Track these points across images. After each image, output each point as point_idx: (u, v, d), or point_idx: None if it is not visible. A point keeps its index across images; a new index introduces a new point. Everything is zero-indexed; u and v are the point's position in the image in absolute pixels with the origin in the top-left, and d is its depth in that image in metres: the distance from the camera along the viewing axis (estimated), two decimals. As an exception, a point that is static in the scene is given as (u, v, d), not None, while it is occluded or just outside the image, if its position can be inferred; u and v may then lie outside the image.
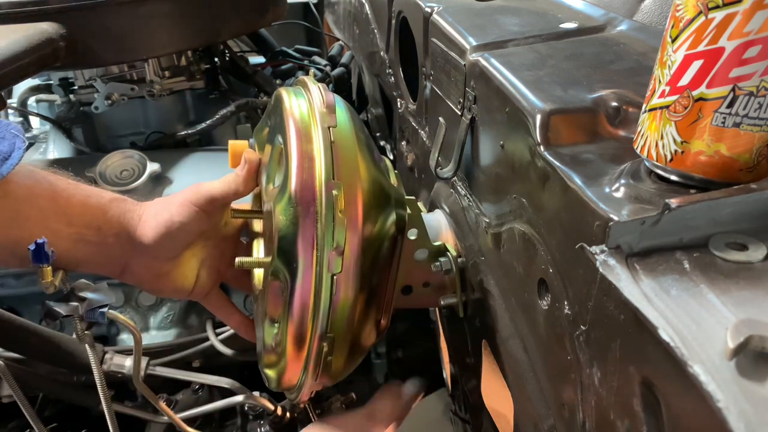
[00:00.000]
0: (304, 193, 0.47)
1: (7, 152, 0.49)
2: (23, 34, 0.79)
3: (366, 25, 1.08)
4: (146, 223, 0.58)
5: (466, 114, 0.57)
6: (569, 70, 0.49)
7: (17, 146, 0.50)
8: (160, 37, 0.98)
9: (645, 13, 0.58)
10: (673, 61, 0.33)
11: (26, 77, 0.79)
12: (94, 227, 0.56)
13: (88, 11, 0.88)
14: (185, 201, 0.58)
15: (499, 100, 0.49)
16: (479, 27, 0.61)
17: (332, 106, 0.52)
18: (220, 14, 1.03)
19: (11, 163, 0.49)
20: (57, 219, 0.54)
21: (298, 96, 0.54)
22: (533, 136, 0.42)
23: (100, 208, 0.57)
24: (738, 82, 0.31)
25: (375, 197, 0.50)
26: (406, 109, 0.88)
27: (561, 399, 0.41)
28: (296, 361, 0.53)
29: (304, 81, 0.57)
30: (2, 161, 0.49)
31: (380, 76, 1.05)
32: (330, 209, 0.47)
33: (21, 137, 0.51)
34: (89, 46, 0.90)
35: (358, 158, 0.50)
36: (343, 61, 1.40)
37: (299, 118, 0.51)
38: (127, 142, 1.16)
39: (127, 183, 0.95)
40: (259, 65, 1.29)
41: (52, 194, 0.54)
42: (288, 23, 1.43)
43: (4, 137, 0.50)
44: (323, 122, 0.50)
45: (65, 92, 1.16)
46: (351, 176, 0.49)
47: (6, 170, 0.49)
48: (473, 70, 0.55)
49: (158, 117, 1.17)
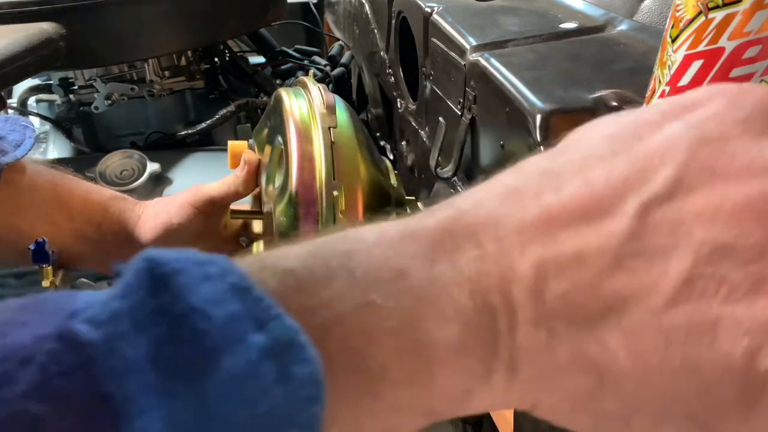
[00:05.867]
0: (305, 194, 0.48)
1: (19, 140, 0.52)
2: (23, 34, 0.79)
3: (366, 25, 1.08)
4: (145, 223, 0.58)
5: (466, 114, 0.58)
6: (569, 70, 0.49)
7: (27, 135, 0.52)
8: (160, 37, 0.98)
9: (645, 13, 0.58)
10: (673, 61, 0.33)
11: (26, 77, 0.79)
12: (94, 224, 0.56)
13: (88, 11, 0.88)
14: (184, 203, 0.58)
15: (499, 100, 0.49)
16: (479, 27, 0.61)
17: (332, 106, 0.52)
18: (220, 14, 1.03)
19: (23, 149, 0.51)
20: (58, 212, 0.54)
21: (298, 96, 0.54)
22: (533, 136, 0.42)
23: (100, 204, 0.57)
24: (738, 82, 0.31)
25: (375, 198, 0.50)
26: (406, 109, 0.88)
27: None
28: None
29: (304, 81, 0.57)
30: (15, 147, 0.50)
31: (380, 76, 1.05)
32: (330, 210, 0.47)
33: (30, 128, 0.53)
34: (89, 46, 0.90)
35: (358, 159, 0.50)
36: (343, 61, 1.40)
37: (299, 118, 0.51)
38: (127, 142, 1.16)
39: (127, 183, 0.95)
40: (259, 65, 1.29)
41: (54, 187, 0.55)
42: (288, 23, 1.42)
43: (15, 129, 0.52)
44: (323, 123, 0.50)
45: (65, 92, 1.16)
46: (351, 177, 0.49)
47: (21, 153, 0.50)
48: (473, 70, 0.55)
49: (158, 117, 1.17)
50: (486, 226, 0.20)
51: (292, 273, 0.18)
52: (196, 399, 0.15)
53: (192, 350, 0.16)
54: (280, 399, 0.16)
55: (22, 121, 0.54)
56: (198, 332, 0.16)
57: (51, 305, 0.17)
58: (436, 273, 0.19)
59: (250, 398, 0.16)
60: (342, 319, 0.18)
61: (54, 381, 0.15)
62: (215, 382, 0.15)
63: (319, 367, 0.16)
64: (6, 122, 0.53)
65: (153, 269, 0.16)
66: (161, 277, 0.16)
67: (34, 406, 0.14)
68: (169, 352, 0.16)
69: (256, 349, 0.16)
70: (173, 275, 0.16)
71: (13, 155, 0.50)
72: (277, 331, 0.16)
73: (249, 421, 0.15)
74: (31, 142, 0.52)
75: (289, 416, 0.16)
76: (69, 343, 0.15)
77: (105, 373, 0.15)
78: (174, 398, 0.15)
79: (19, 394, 0.14)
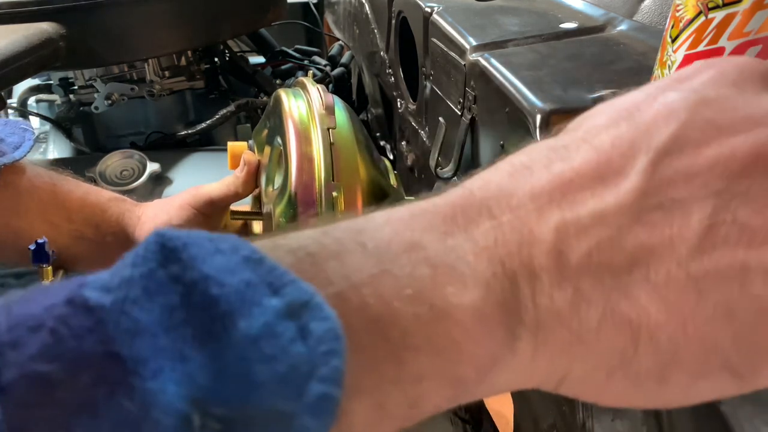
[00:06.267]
0: (304, 195, 0.48)
1: (18, 143, 0.52)
2: (23, 34, 0.79)
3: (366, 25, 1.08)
4: (144, 224, 0.58)
5: (466, 114, 0.57)
6: (569, 70, 0.49)
7: (27, 138, 0.52)
8: (160, 37, 0.98)
9: (645, 13, 0.58)
10: (673, 61, 0.33)
11: (26, 77, 0.79)
12: (92, 225, 0.56)
13: (88, 11, 0.88)
14: (184, 204, 0.58)
15: (499, 100, 0.49)
16: (479, 27, 0.61)
17: (331, 107, 0.52)
18: (220, 14, 1.03)
19: (22, 150, 0.51)
20: (56, 213, 0.54)
21: (297, 97, 0.54)
22: (533, 136, 0.42)
23: (98, 206, 0.57)
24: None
25: (375, 198, 0.50)
26: (406, 109, 0.88)
27: (561, 399, 0.41)
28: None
29: (303, 82, 0.57)
30: (14, 149, 0.50)
31: (380, 76, 1.05)
32: (330, 211, 0.47)
33: (30, 131, 0.53)
34: (89, 46, 0.90)
35: (357, 159, 0.50)
36: (343, 61, 1.40)
37: (298, 119, 0.51)
38: (127, 142, 1.16)
39: (127, 183, 0.95)
40: (259, 65, 1.29)
41: (52, 188, 0.55)
42: (288, 23, 1.42)
43: (14, 132, 0.52)
44: (322, 124, 0.50)
45: (65, 92, 1.16)
46: (351, 178, 0.49)
47: (19, 155, 0.50)
48: (473, 70, 0.55)
49: (158, 117, 1.17)
50: (498, 198, 0.20)
51: (305, 249, 0.18)
52: (213, 361, 0.15)
53: (206, 315, 0.15)
54: (299, 356, 0.15)
55: (22, 124, 0.54)
56: (211, 298, 0.15)
57: (58, 286, 0.16)
58: (450, 244, 0.19)
59: (269, 357, 0.15)
60: (358, 288, 0.17)
61: (64, 343, 0.14)
62: (231, 344, 0.15)
63: (338, 323, 0.16)
64: (5, 125, 0.53)
65: (164, 243, 0.16)
66: (173, 249, 0.16)
67: (44, 367, 0.14)
68: (181, 318, 0.15)
69: (272, 311, 0.15)
70: (185, 247, 0.16)
71: (12, 156, 0.50)
72: (292, 295, 0.16)
73: (268, 380, 0.15)
74: (30, 144, 0.52)
75: (310, 372, 0.15)
76: (79, 308, 0.15)
77: (116, 335, 0.15)
78: (189, 361, 0.15)
79: (28, 356, 0.14)
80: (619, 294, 0.18)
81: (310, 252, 0.18)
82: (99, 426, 0.14)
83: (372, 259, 0.18)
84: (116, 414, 0.14)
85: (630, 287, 0.18)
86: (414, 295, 0.18)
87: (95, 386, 0.14)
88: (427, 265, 0.18)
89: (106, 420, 0.14)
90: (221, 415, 0.15)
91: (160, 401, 0.14)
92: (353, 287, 0.17)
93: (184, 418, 0.14)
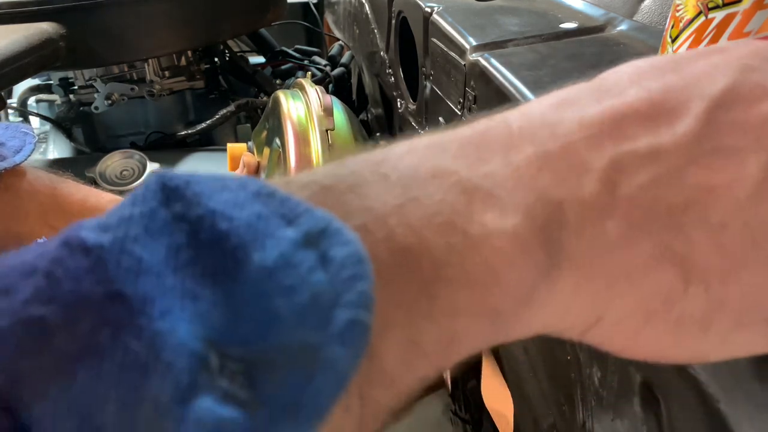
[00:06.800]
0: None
1: (19, 146, 0.52)
2: (23, 34, 0.79)
3: (366, 25, 1.08)
4: None
5: (466, 114, 0.57)
6: (569, 70, 0.49)
7: (27, 141, 0.52)
8: (160, 37, 0.98)
9: (645, 13, 0.58)
10: (672, 62, 0.33)
11: (26, 77, 0.79)
12: None
13: (88, 11, 0.88)
14: None
15: (499, 100, 0.49)
16: (479, 27, 0.61)
17: (330, 108, 0.52)
18: (220, 14, 1.03)
19: (23, 154, 0.51)
20: (56, 216, 0.54)
21: (295, 99, 0.54)
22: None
23: (98, 209, 0.57)
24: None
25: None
26: (406, 109, 0.88)
27: (561, 399, 0.41)
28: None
29: (302, 83, 0.57)
30: (14, 153, 0.50)
31: (380, 76, 1.05)
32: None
33: (31, 135, 0.53)
34: (89, 46, 0.90)
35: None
36: (343, 61, 1.40)
37: (297, 121, 0.51)
38: (127, 142, 1.16)
39: (128, 183, 0.95)
40: (259, 65, 1.30)
41: (53, 191, 0.55)
42: (288, 23, 1.42)
43: (15, 136, 0.52)
44: (321, 125, 0.50)
45: (65, 92, 1.16)
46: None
47: (20, 159, 0.50)
48: (473, 70, 0.55)
49: (158, 117, 1.17)
50: (541, 126, 0.18)
51: (319, 183, 0.16)
52: (227, 298, 0.14)
53: (215, 251, 0.14)
54: (320, 284, 0.14)
55: (23, 128, 0.54)
56: (220, 233, 0.14)
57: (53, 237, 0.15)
58: (485, 170, 0.17)
59: (287, 289, 0.14)
60: (383, 219, 0.16)
61: (60, 284, 0.13)
62: (246, 279, 0.14)
63: (360, 246, 0.14)
64: (6, 129, 0.53)
65: (165, 182, 0.15)
66: (175, 188, 0.15)
67: (39, 310, 0.13)
68: (189, 256, 0.14)
69: (287, 241, 0.14)
70: (188, 185, 0.15)
71: (12, 161, 0.50)
72: (308, 224, 0.14)
73: (289, 314, 0.14)
74: (31, 148, 0.52)
75: (334, 299, 0.14)
76: (75, 248, 0.14)
77: (118, 275, 0.13)
78: (200, 300, 0.13)
79: (21, 301, 0.13)
80: (674, 232, 0.18)
81: (325, 186, 0.16)
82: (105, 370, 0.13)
83: (396, 189, 0.16)
84: (123, 356, 0.13)
85: (685, 226, 0.18)
86: (446, 223, 0.16)
87: (97, 328, 0.13)
88: (460, 191, 0.17)
89: (112, 363, 0.13)
90: (240, 356, 0.13)
91: (170, 342, 0.13)
92: (377, 219, 0.16)
93: (199, 358, 0.13)
